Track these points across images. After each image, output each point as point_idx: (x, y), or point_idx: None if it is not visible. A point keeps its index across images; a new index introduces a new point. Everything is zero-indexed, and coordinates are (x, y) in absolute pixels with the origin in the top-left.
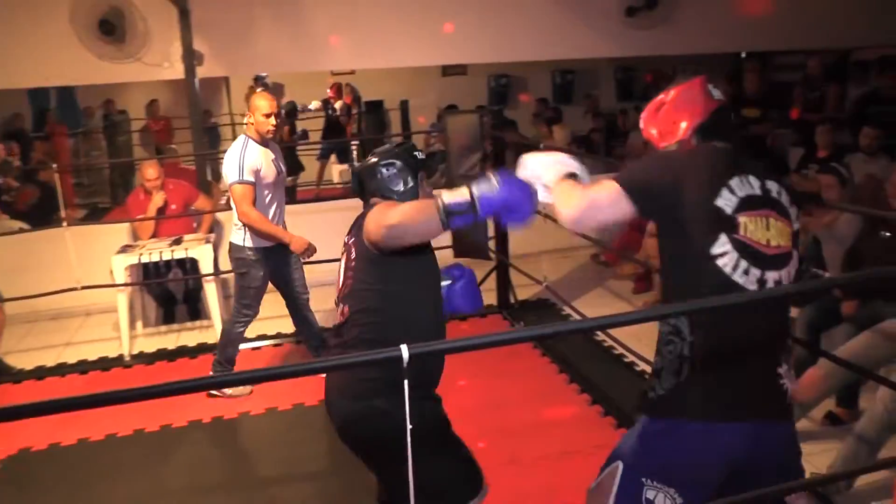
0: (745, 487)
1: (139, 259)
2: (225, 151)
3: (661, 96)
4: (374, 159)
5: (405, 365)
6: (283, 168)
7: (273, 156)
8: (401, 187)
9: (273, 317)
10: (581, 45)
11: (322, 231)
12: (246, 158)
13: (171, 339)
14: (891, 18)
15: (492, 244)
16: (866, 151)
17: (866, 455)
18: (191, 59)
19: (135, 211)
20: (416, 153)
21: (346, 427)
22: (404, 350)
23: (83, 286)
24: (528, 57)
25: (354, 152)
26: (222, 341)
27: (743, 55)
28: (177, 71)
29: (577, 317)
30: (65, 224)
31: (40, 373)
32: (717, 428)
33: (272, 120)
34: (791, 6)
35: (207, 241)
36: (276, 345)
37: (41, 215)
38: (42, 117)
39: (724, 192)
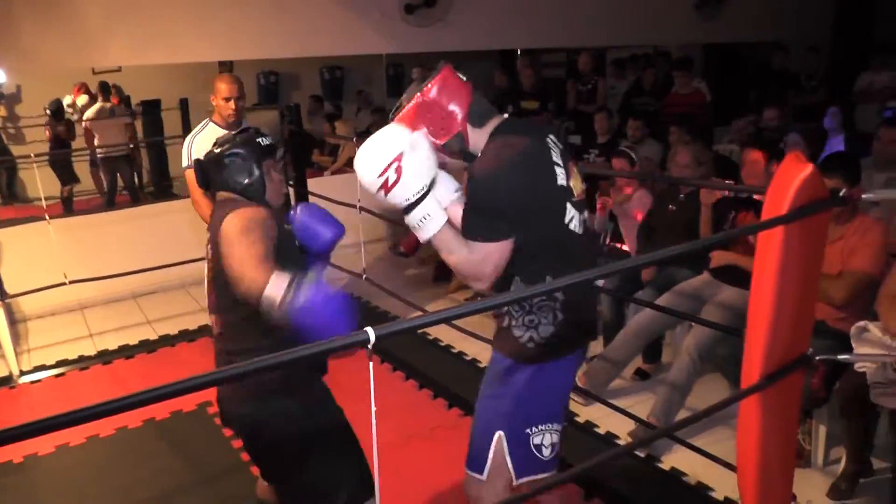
0: None
1: None
2: None
3: (415, 97)
4: (217, 150)
5: (370, 346)
6: None
7: None
8: (246, 178)
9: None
10: (360, 42)
11: None
12: (196, 142)
13: None
14: (638, 21)
15: None
16: (633, 140)
17: (679, 399)
18: None
19: None
20: (259, 140)
21: (252, 432)
22: (370, 332)
23: None
24: (309, 52)
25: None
26: None
27: (518, 52)
28: None
29: (384, 307)
30: None
31: None
32: (576, 355)
33: (232, 104)
34: (556, 8)
35: None
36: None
37: None
38: None
39: (557, 170)
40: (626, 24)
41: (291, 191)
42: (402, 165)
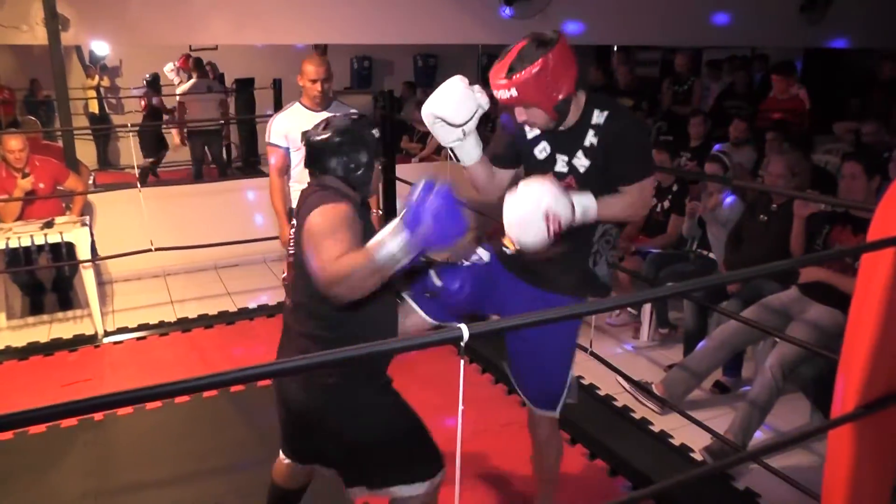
0: None
1: (7, 243)
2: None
3: (539, 61)
4: (336, 137)
5: (463, 344)
6: None
7: None
8: (356, 167)
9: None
10: (457, 31)
11: None
12: (277, 121)
13: (42, 331)
14: (738, 21)
15: None
16: (735, 143)
17: (759, 417)
18: (55, 23)
19: None
20: (374, 130)
21: (312, 422)
22: (465, 329)
23: None
24: (405, 39)
25: None
26: None
27: (614, 49)
28: (37, 36)
29: None
30: None
31: None
32: None
33: (318, 85)
34: (655, 6)
35: (83, 224)
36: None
37: None
38: None
39: None
40: (725, 23)
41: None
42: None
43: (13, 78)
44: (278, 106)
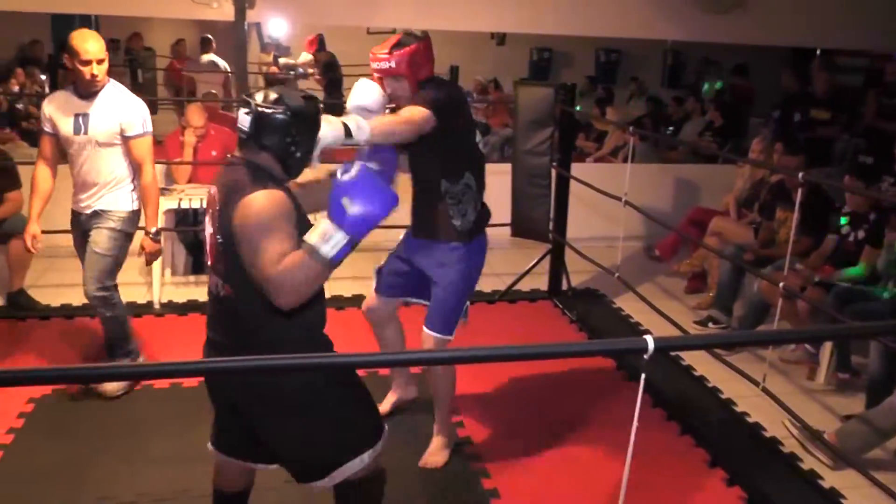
0: None
1: (179, 203)
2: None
3: (413, 45)
4: (288, 113)
5: (647, 357)
6: (103, 130)
7: (91, 113)
8: (300, 155)
9: None
10: (646, 25)
11: None
12: (44, 105)
13: (202, 290)
14: None
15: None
16: None
17: None
18: (242, 0)
19: (173, 153)
20: (319, 115)
21: (250, 395)
22: (650, 341)
23: None
24: (590, 31)
25: None
26: (123, 332)
27: (817, 53)
28: (225, 12)
29: (628, 311)
30: None
31: (68, 311)
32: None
33: (90, 68)
34: (871, 7)
35: None
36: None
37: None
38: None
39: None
40: None
41: (554, 174)
42: None
43: (194, 50)
44: None
